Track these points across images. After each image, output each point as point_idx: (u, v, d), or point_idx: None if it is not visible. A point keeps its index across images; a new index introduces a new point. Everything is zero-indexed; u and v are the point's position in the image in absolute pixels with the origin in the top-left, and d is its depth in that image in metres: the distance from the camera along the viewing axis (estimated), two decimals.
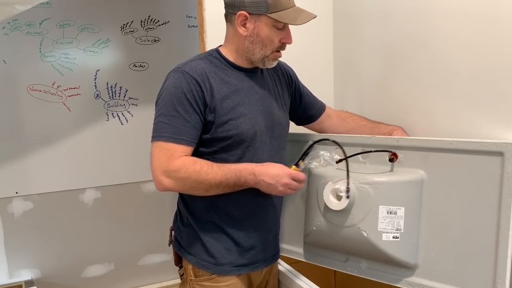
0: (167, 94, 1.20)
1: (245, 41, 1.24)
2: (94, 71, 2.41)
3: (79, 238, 2.46)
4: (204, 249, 1.29)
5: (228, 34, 1.29)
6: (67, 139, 2.38)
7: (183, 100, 1.18)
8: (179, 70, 1.22)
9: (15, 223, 2.32)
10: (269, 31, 1.22)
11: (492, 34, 1.23)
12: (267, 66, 1.30)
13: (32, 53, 2.27)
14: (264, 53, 1.25)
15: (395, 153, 1.28)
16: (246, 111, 1.26)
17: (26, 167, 2.31)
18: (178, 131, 1.17)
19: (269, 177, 1.18)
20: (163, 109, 1.20)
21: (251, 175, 1.18)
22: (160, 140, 1.17)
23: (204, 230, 1.29)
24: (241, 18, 1.22)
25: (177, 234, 1.37)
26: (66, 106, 2.37)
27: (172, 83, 1.21)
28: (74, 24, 2.34)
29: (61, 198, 2.40)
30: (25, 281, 2.28)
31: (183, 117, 1.18)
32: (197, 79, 1.20)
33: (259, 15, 1.20)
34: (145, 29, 2.49)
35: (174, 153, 1.16)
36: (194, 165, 1.16)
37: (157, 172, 1.17)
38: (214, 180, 1.16)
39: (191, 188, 1.18)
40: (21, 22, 2.23)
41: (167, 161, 1.15)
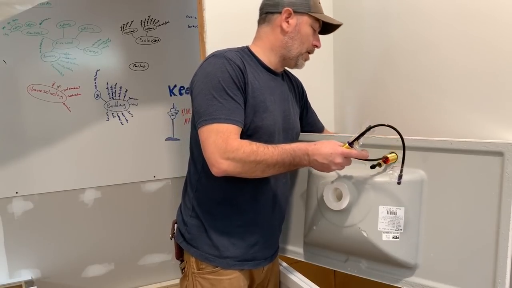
0: (213, 77, 1.20)
1: (285, 37, 1.31)
2: (94, 71, 2.41)
3: (79, 238, 2.46)
4: (209, 242, 1.30)
5: (263, 33, 1.35)
6: (67, 139, 2.38)
7: (231, 84, 1.20)
8: (222, 56, 1.24)
9: (15, 223, 2.32)
10: (308, 30, 1.32)
11: (492, 33, 1.23)
12: (299, 65, 1.37)
13: (32, 53, 2.28)
14: (301, 50, 1.33)
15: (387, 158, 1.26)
16: (271, 108, 1.30)
17: (26, 167, 2.31)
18: (232, 113, 1.18)
19: (323, 156, 1.16)
20: (212, 92, 1.19)
21: (305, 155, 1.17)
22: (216, 122, 1.16)
23: (212, 222, 1.30)
24: (286, 14, 1.30)
25: (181, 227, 1.37)
26: (66, 106, 2.37)
27: (218, 68, 1.21)
28: (74, 24, 2.34)
29: (61, 198, 2.40)
30: (25, 281, 2.28)
31: (234, 100, 1.19)
32: (240, 67, 1.23)
33: (302, 13, 1.31)
34: (145, 29, 2.49)
35: (230, 134, 1.15)
36: (250, 145, 1.15)
37: (215, 156, 1.14)
38: (271, 159, 1.15)
39: (249, 169, 1.15)
40: (21, 22, 2.23)
41: (225, 142, 1.14)
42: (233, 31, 1.65)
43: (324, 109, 1.89)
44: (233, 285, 1.31)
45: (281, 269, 1.53)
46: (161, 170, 2.60)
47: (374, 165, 1.26)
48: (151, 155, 2.57)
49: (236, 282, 1.32)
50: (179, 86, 2.60)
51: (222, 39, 1.59)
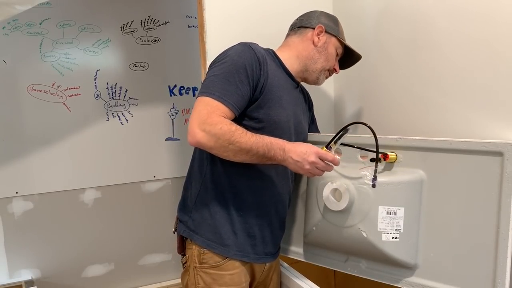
0: (229, 59, 1.24)
1: (313, 50, 1.42)
2: (94, 71, 2.41)
3: (79, 238, 2.46)
4: (212, 229, 1.32)
5: (291, 42, 1.45)
6: (67, 139, 2.38)
7: (242, 70, 1.22)
8: (246, 44, 1.28)
9: (15, 223, 2.32)
10: (333, 51, 1.44)
11: (492, 33, 1.23)
12: (320, 80, 1.47)
13: (32, 53, 2.28)
14: (324, 66, 1.44)
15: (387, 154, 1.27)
16: (286, 106, 1.34)
17: (26, 167, 2.31)
18: (228, 93, 1.20)
19: (297, 154, 1.18)
20: (220, 71, 1.23)
21: (280, 150, 1.19)
22: (208, 96, 1.19)
23: (215, 208, 1.32)
24: (319, 30, 1.41)
25: (184, 216, 1.38)
26: (66, 106, 2.37)
27: (237, 53, 1.25)
28: (74, 24, 2.34)
29: (61, 198, 2.40)
30: (25, 281, 2.28)
31: (236, 85, 1.21)
32: (260, 58, 1.26)
33: (331, 35, 1.43)
34: (145, 29, 2.49)
35: (216, 110, 1.18)
36: (230, 125, 1.17)
37: (193, 123, 1.17)
38: (246, 144, 1.17)
39: (221, 147, 1.17)
40: (21, 22, 2.23)
41: (207, 115, 1.16)
42: (233, 31, 1.65)
43: (324, 109, 1.89)
44: (234, 280, 1.32)
45: (281, 269, 1.53)
46: (161, 170, 2.60)
47: (374, 159, 1.26)
48: (151, 155, 2.57)
49: (237, 277, 1.33)
50: (179, 86, 2.60)
51: (222, 39, 1.58)
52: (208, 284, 1.32)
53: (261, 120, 1.28)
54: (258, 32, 1.53)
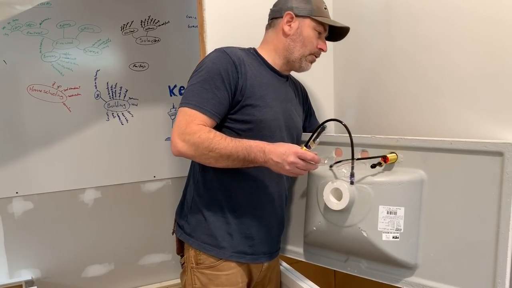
0: (204, 67, 1.27)
1: (287, 39, 1.37)
2: (94, 71, 2.41)
3: (79, 238, 2.46)
4: (207, 232, 1.33)
5: (268, 37, 1.42)
6: (67, 139, 2.38)
7: (217, 76, 1.24)
8: (220, 50, 1.30)
9: (15, 223, 2.31)
10: (311, 32, 1.36)
11: (492, 34, 1.23)
12: (304, 67, 1.41)
13: (32, 53, 2.27)
14: (303, 53, 1.37)
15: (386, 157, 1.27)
16: (272, 104, 1.33)
17: (26, 167, 2.31)
18: (204, 101, 1.22)
19: (277, 155, 1.19)
20: (197, 80, 1.26)
21: (261, 152, 1.20)
22: (186, 106, 1.23)
23: (210, 212, 1.33)
24: (288, 17, 1.35)
25: (181, 220, 1.40)
26: (66, 106, 2.37)
27: (211, 60, 1.28)
28: (74, 24, 2.34)
29: (61, 198, 2.40)
30: (25, 281, 2.28)
31: (213, 91, 1.23)
32: (235, 62, 1.27)
33: (304, 17, 1.35)
34: (145, 29, 2.49)
35: (194, 119, 1.21)
36: (208, 133, 1.19)
37: (174, 134, 1.21)
38: (225, 150, 1.19)
39: (202, 155, 1.20)
40: (21, 22, 2.23)
41: (186, 125, 1.20)
42: (233, 31, 1.65)
43: (324, 109, 1.89)
44: (230, 280, 1.33)
45: (281, 269, 1.53)
46: (161, 170, 2.60)
47: (375, 165, 1.26)
48: (151, 155, 2.57)
49: (233, 278, 1.33)
50: (179, 86, 2.60)
51: (222, 39, 1.59)
52: (205, 284, 1.33)
53: (247, 121, 1.29)
54: (258, 32, 1.52)
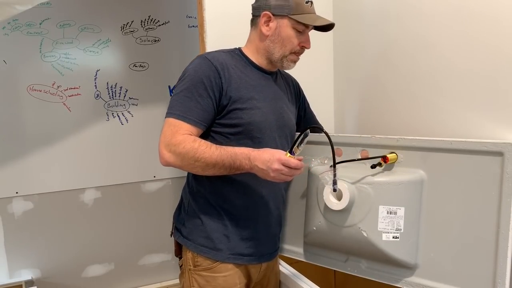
0: (187, 76, 1.26)
1: (266, 40, 1.33)
2: (94, 71, 2.41)
3: (79, 238, 2.46)
4: (204, 234, 1.32)
5: (251, 36, 1.39)
6: (67, 139, 2.38)
7: (200, 84, 1.24)
8: (202, 57, 1.29)
9: (15, 223, 2.32)
10: (290, 32, 1.31)
11: (491, 33, 1.23)
12: (286, 67, 1.38)
13: (32, 53, 2.28)
14: (283, 53, 1.33)
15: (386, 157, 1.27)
16: (260, 105, 1.31)
17: (26, 167, 2.31)
18: (188, 110, 1.22)
19: (261, 162, 1.18)
20: (180, 89, 1.26)
21: (246, 159, 1.20)
22: (171, 117, 1.23)
23: (206, 215, 1.33)
24: (265, 18, 1.31)
25: (178, 223, 1.40)
26: (66, 106, 2.37)
27: (194, 67, 1.27)
28: (74, 24, 2.34)
29: (61, 198, 2.40)
30: (25, 281, 2.28)
31: (196, 99, 1.23)
32: (217, 67, 1.26)
33: (282, 16, 1.30)
34: (145, 29, 2.49)
35: (179, 129, 1.21)
36: (193, 142, 1.20)
37: (161, 145, 1.23)
38: (210, 159, 1.19)
39: (188, 164, 1.21)
40: (21, 22, 2.23)
41: (171, 135, 1.21)
42: (233, 31, 1.65)
43: (324, 109, 1.89)
44: (228, 282, 1.33)
45: (281, 269, 1.53)
46: (161, 170, 2.60)
47: (375, 165, 1.26)
48: (151, 155, 2.57)
49: (231, 279, 1.33)
50: None
51: (222, 39, 1.59)
52: (202, 286, 1.33)
53: (236, 125, 1.28)
54: None
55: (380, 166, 1.26)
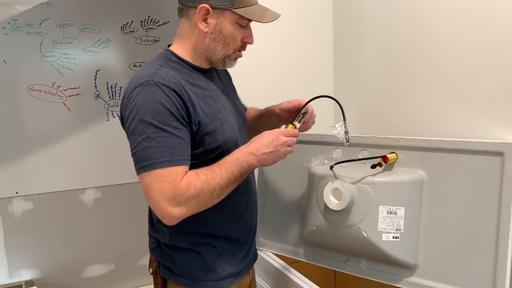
0: (146, 113, 1.02)
1: (205, 39, 1.13)
2: (94, 71, 2.41)
3: (79, 238, 2.46)
4: (204, 268, 1.20)
5: (183, 30, 1.16)
6: (67, 139, 2.38)
7: (168, 115, 1.03)
8: (151, 83, 1.05)
9: (15, 223, 2.31)
10: (232, 28, 1.13)
11: (492, 34, 1.23)
12: (228, 66, 1.21)
13: (32, 53, 2.27)
14: (226, 53, 1.15)
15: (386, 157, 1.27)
16: (224, 117, 1.18)
17: (26, 167, 2.30)
18: (175, 151, 1.03)
19: (266, 147, 1.09)
20: (147, 131, 1.02)
21: (249, 156, 1.08)
22: (158, 168, 1.01)
23: (199, 247, 1.19)
24: (203, 12, 1.10)
25: (164, 261, 1.22)
26: (66, 106, 2.37)
27: (149, 99, 1.03)
28: (74, 24, 2.34)
29: (61, 198, 2.40)
30: (25, 281, 2.28)
31: (175, 135, 1.03)
32: (175, 90, 1.06)
33: (223, 10, 1.10)
34: (145, 29, 2.49)
35: (176, 176, 1.02)
36: (199, 177, 1.03)
37: (163, 204, 1.02)
38: (223, 181, 1.05)
39: (205, 202, 1.05)
40: (21, 22, 2.23)
41: (172, 186, 1.01)
42: None
43: (324, 109, 1.89)
44: None
45: (281, 269, 1.53)
46: None
47: (375, 165, 1.26)
48: None
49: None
50: None
51: None
52: None
53: (214, 149, 1.13)
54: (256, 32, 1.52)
55: (380, 166, 1.26)
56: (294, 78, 1.86)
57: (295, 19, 1.82)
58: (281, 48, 1.85)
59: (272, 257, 1.60)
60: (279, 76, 1.86)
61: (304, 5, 1.83)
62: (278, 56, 1.85)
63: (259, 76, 1.82)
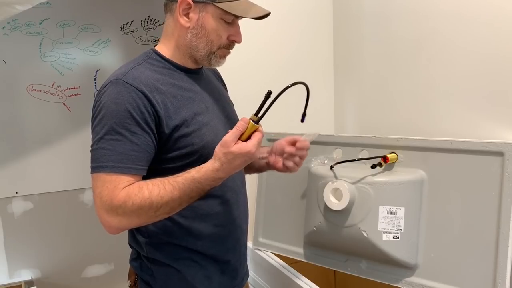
0: (106, 112, 0.98)
1: (187, 34, 1.07)
2: (94, 71, 2.40)
3: (79, 238, 2.46)
4: (184, 285, 1.11)
5: (167, 27, 1.11)
6: (67, 139, 2.38)
7: (128, 119, 0.97)
8: (119, 82, 1.00)
9: (15, 223, 2.31)
10: (216, 23, 1.06)
11: (492, 34, 1.23)
12: (214, 65, 1.12)
13: (32, 53, 2.27)
14: (210, 49, 1.08)
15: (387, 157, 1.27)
16: (206, 119, 1.10)
17: (26, 167, 2.30)
18: (124, 158, 0.96)
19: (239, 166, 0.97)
20: (102, 131, 0.99)
21: (216, 180, 0.98)
22: (102, 171, 0.97)
23: (178, 261, 1.11)
24: (183, 6, 1.04)
25: (142, 274, 1.14)
26: (66, 106, 2.36)
27: (112, 99, 0.98)
28: (74, 24, 2.34)
29: (61, 198, 2.40)
30: (25, 281, 2.27)
31: (130, 140, 0.97)
32: (144, 91, 0.99)
33: (205, 3, 1.04)
34: (145, 29, 2.49)
35: (117, 184, 0.95)
36: (141, 192, 0.95)
37: (101, 212, 0.96)
38: (174, 201, 0.96)
39: (148, 218, 0.97)
40: (21, 22, 2.22)
41: (110, 196, 0.95)
42: None
43: (324, 109, 1.89)
44: None
45: (281, 269, 1.53)
46: None
47: (375, 165, 1.26)
48: None
49: None
50: None
51: None
52: None
53: (189, 154, 1.05)
54: (256, 32, 1.52)
55: (380, 166, 1.26)
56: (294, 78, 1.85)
57: (295, 19, 1.82)
58: (281, 48, 1.85)
59: (272, 257, 1.60)
60: (279, 76, 1.86)
61: (304, 5, 1.83)
62: (278, 56, 1.85)
63: (259, 77, 1.82)
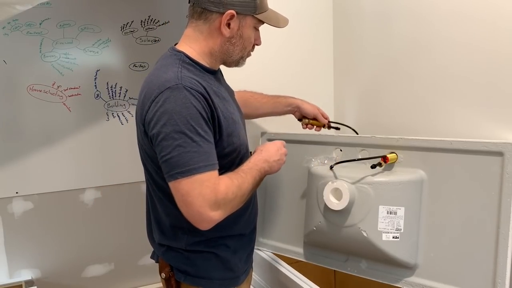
0: (179, 118, 1.02)
1: (225, 43, 1.15)
2: (94, 71, 2.41)
3: (79, 238, 2.46)
4: (222, 267, 1.22)
5: (198, 33, 1.17)
6: (67, 139, 2.38)
7: (200, 120, 1.04)
8: (180, 87, 1.04)
9: (15, 223, 2.31)
10: (251, 32, 1.18)
11: (491, 34, 1.23)
12: (240, 66, 1.25)
13: (32, 53, 2.27)
14: (242, 55, 1.21)
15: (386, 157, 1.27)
16: (237, 119, 1.21)
17: (26, 167, 2.30)
18: (209, 156, 1.04)
19: (275, 155, 1.20)
20: (181, 136, 1.02)
21: (265, 163, 1.18)
22: (197, 173, 1.01)
23: (216, 249, 1.21)
24: (228, 18, 1.12)
25: (178, 264, 1.23)
26: (66, 106, 2.37)
27: (180, 103, 1.02)
28: (74, 24, 2.34)
29: (61, 198, 2.40)
30: (25, 281, 2.28)
31: (206, 140, 1.04)
32: (203, 94, 1.07)
33: (245, 15, 1.14)
34: (145, 29, 2.49)
35: (214, 180, 1.03)
36: (233, 182, 1.07)
37: (205, 209, 1.01)
38: (250, 186, 1.12)
39: (237, 206, 1.10)
40: (21, 22, 2.23)
41: (213, 192, 1.02)
42: None
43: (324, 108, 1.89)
44: None
45: (281, 269, 1.53)
46: None
47: (375, 165, 1.26)
48: None
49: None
50: None
51: None
52: None
53: (231, 152, 1.16)
54: None
55: (380, 166, 1.26)
56: (294, 78, 1.86)
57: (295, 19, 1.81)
58: (281, 48, 1.85)
59: (272, 257, 1.60)
60: (279, 76, 1.86)
61: (304, 5, 1.83)
62: (278, 56, 1.85)
63: (258, 77, 1.82)
